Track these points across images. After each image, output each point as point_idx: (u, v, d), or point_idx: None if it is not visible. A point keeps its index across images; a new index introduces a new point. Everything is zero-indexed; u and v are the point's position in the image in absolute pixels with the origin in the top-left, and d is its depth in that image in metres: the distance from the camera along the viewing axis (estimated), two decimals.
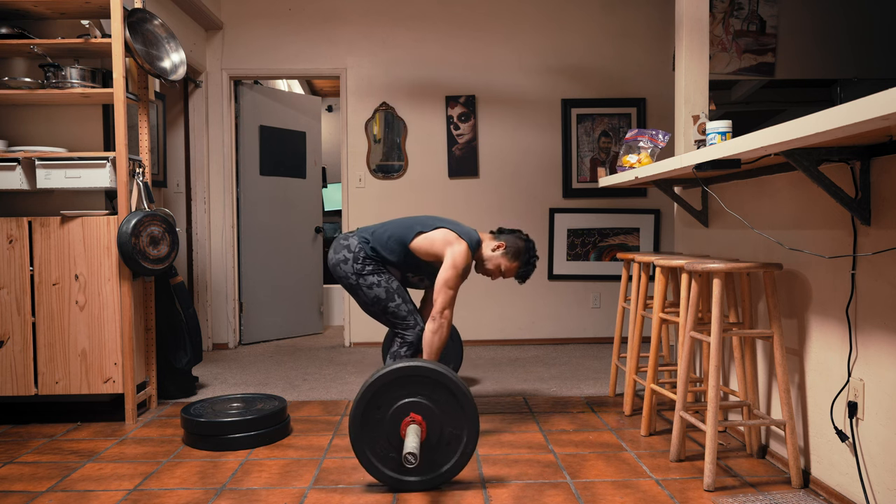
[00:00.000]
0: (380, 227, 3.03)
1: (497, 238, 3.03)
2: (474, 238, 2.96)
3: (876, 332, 1.96)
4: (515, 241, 3.00)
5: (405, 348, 2.92)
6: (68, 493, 2.33)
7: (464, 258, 2.85)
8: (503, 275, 3.00)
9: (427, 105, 5.15)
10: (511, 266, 2.98)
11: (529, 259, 2.99)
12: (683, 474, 2.42)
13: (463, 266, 2.86)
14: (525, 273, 3.00)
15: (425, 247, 2.91)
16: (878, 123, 1.37)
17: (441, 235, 2.91)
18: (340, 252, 2.97)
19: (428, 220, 3.00)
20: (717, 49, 4.82)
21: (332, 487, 2.35)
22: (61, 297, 3.11)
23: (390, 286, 2.93)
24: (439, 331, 2.82)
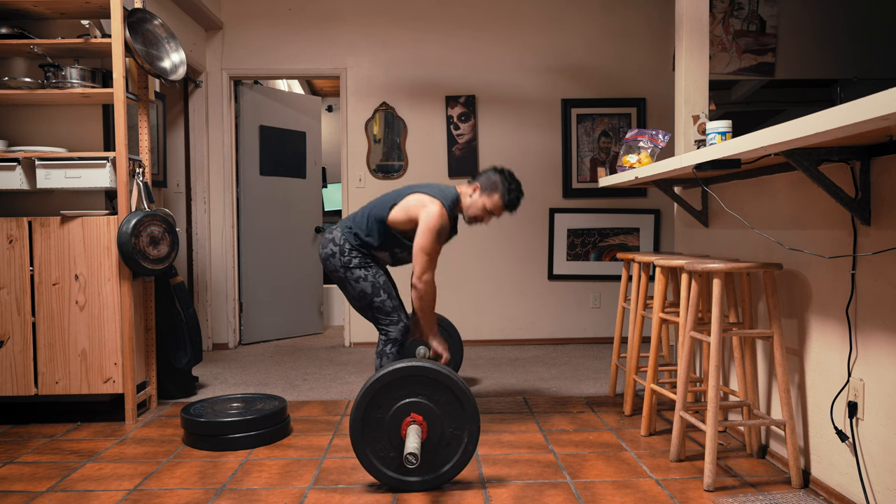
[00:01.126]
0: (359, 212, 2.98)
1: (471, 183, 2.95)
2: (451, 195, 2.89)
3: (876, 332, 1.96)
4: (489, 177, 2.91)
5: (389, 345, 2.89)
6: (68, 493, 2.33)
7: (437, 219, 2.77)
8: (493, 213, 2.90)
9: (427, 105, 5.15)
10: (493, 200, 2.87)
11: (509, 187, 2.87)
12: (683, 474, 2.42)
13: (437, 227, 2.78)
14: (511, 201, 2.88)
15: (401, 217, 2.84)
16: (878, 123, 1.37)
17: (414, 201, 2.84)
18: (327, 246, 2.95)
19: (403, 191, 2.92)
20: (717, 49, 4.82)
21: (332, 487, 2.35)
22: (61, 297, 3.11)
23: (377, 281, 2.88)
24: (423, 296, 2.82)
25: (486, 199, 2.88)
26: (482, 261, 5.18)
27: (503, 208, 2.89)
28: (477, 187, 2.91)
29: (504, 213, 2.93)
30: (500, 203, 2.87)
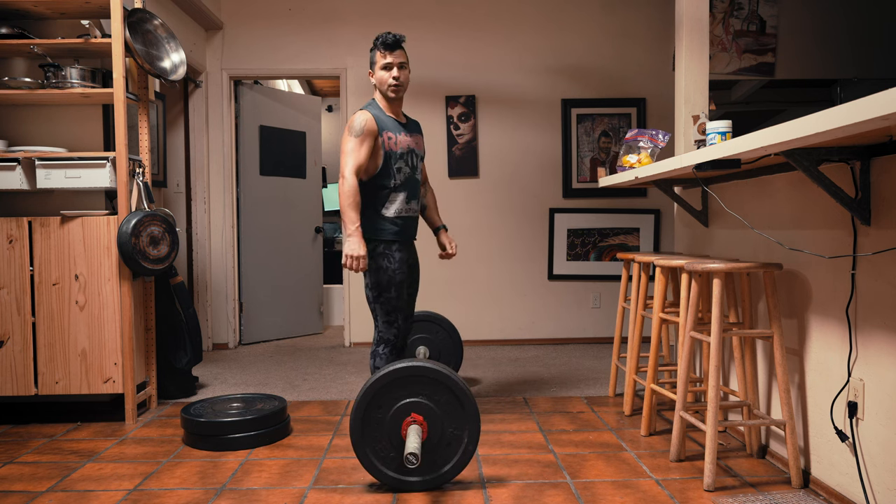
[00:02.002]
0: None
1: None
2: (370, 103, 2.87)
3: (876, 332, 1.96)
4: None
5: (382, 345, 2.83)
6: (68, 493, 2.33)
7: (353, 120, 2.72)
8: (386, 69, 2.75)
9: (427, 105, 5.14)
10: (374, 59, 2.78)
11: (375, 40, 2.79)
12: (683, 474, 2.42)
13: (351, 125, 2.71)
14: (380, 43, 2.75)
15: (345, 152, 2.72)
16: (878, 123, 1.37)
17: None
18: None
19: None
20: (717, 49, 4.82)
21: (332, 487, 2.36)
22: (61, 297, 3.11)
23: (393, 278, 2.77)
24: (340, 192, 2.69)
25: (374, 66, 2.80)
26: (482, 261, 5.18)
27: (381, 53, 2.75)
28: (370, 72, 2.86)
29: (390, 57, 2.73)
30: (378, 55, 2.76)
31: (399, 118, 2.88)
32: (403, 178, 2.81)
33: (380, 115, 2.79)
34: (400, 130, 2.83)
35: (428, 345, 3.71)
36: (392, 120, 2.83)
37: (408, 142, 2.85)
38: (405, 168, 2.82)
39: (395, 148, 2.78)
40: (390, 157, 2.77)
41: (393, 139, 2.78)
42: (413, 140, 2.88)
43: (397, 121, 2.86)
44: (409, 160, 2.85)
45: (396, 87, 2.78)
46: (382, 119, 2.79)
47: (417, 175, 2.88)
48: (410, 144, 2.86)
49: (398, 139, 2.81)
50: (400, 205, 2.80)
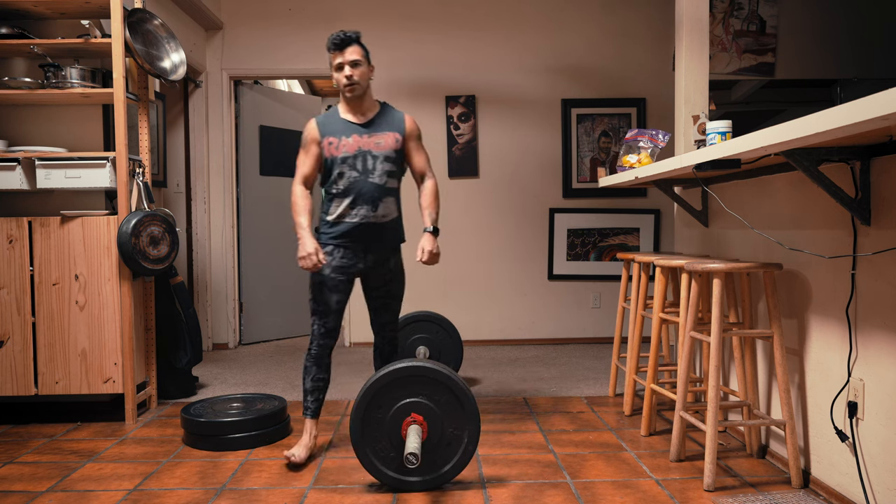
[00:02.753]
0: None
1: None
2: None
3: (876, 332, 1.96)
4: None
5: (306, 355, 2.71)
6: (68, 493, 2.33)
7: (303, 131, 2.72)
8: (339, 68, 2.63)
9: (427, 105, 5.14)
10: (331, 63, 2.65)
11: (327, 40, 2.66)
12: (683, 474, 2.42)
13: (303, 137, 2.71)
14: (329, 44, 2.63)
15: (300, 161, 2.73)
16: (878, 123, 1.37)
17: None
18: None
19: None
20: (717, 49, 4.82)
21: (332, 487, 2.36)
22: (61, 297, 3.11)
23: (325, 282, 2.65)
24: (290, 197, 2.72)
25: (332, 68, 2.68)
26: (482, 261, 5.18)
27: (332, 53, 2.63)
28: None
29: (340, 57, 2.61)
30: (330, 56, 2.65)
31: (359, 118, 2.69)
32: (348, 183, 2.62)
33: (327, 120, 2.70)
34: (352, 132, 2.66)
35: (428, 345, 3.71)
36: (344, 122, 2.69)
37: (360, 143, 2.65)
38: (350, 172, 2.62)
39: (337, 153, 2.63)
40: (331, 163, 2.65)
41: (334, 144, 2.64)
42: (372, 140, 2.66)
43: (353, 122, 2.69)
44: (360, 163, 2.63)
45: (351, 87, 2.62)
46: (329, 123, 2.69)
47: (374, 178, 2.63)
48: (364, 146, 2.65)
49: (343, 143, 2.64)
50: (343, 210, 2.64)
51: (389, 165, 2.68)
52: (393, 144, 2.69)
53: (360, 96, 2.66)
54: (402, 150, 2.74)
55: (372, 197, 2.65)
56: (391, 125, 2.72)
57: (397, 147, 2.70)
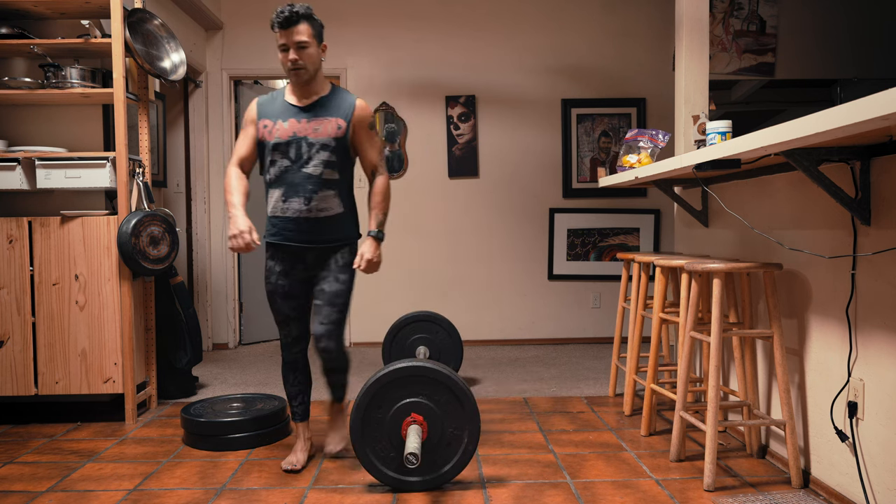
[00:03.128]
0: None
1: None
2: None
3: (876, 332, 1.96)
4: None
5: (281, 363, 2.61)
6: (68, 493, 2.33)
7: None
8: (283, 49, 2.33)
9: (427, 105, 5.14)
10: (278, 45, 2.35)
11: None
12: (683, 474, 2.42)
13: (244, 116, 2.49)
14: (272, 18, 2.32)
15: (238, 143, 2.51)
16: (878, 123, 1.37)
17: None
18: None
19: None
20: (717, 49, 4.82)
21: (332, 487, 2.35)
22: (61, 297, 3.11)
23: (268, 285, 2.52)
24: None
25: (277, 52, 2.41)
26: (482, 261, 5.18)
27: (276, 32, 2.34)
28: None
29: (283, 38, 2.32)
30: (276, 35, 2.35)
31: (302, 101, 2.42)
32: (278, 171, 2.38)
33: (269, 101, 2.46)
34: (290, 116, 2.40)
35: (428, 345, 3.71)
36: (285, 105, 2.43)
37: (296, 129, 2.38)
38: (282, 160, 2.38)
39: (269, 137, 2.39)
40: (263, 149, 2.42)
41: (269, 127, 2.40)
42: (311, 126, 2.38)
43: (294, 105, 2.42)
44: (293, 151, 2.37)
45: (296, 71, 2.35)
46: (270, 104, 2.45)
47: (308, 168, 2.37)
48: (301, 131, 2.38)
49: (277, 127, 2.39)
50: (275, 203, 2.42)
51: (328, 155, 2.38)
52: (333, 132, 2.39)
53: (306, 81, 2.39)
54: (346, 139, 2.42)
55: (304, 189, 2.37)
56: (336, 110, 2.41)
57: (339, 135, 2.39)
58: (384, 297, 5.16)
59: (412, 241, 5.17)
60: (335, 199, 2.43)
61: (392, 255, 5.15)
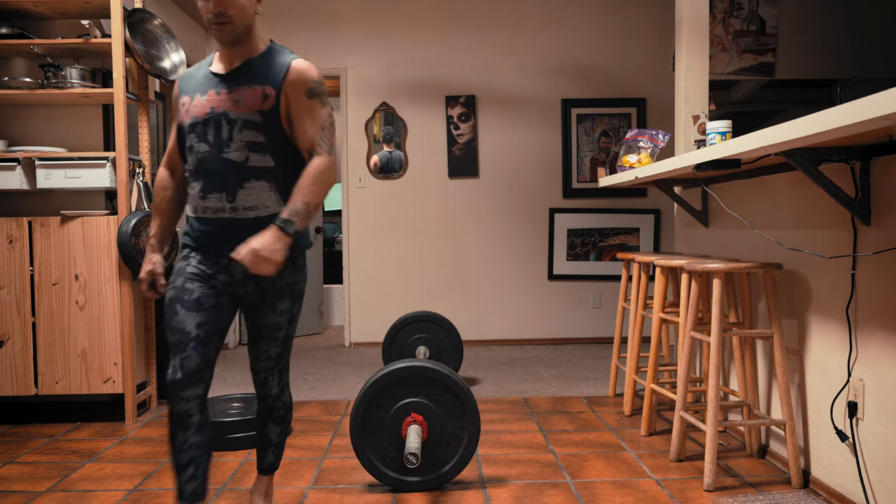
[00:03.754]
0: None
1: None
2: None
3: (876, 332, 1.96)
4: None
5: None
6: (68, 493, 2.33)
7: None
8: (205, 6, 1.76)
9: (427, 105, 5.14)
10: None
11: None
12: (683, 474, 2.42)
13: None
14: None
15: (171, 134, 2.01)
16: (878, 123, 1.37)
17: None
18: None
19: None
20: (717, 49, 4.82)
21: (333, 487, 2.36)
22: (61, 297, 3.11)
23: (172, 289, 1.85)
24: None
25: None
26: (482, 261, 5.18)
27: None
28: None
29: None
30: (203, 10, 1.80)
31: (226, 67, 1.84)
32: (196, 161, 1.83)
33: (192, 73, 1.91)
34: (209, 88, 1.83)
35: (428, 345, 3.72)
36: (207, 75, 1.86)
37: (213, 103, 1.81)
38: (199, 145, 1.82)
39: (186, 118, 1.85)
40: (181, 133, 1.89)
41: (186, 105, 1.86)
42: (230, 98, 1.80)
43: (215, 73, 1.85)
44: (211, 132, 1.80)
45: (220, 26, 1.77)
46: (191, 77, 1.90)
47: (228, 153, 1.79)
48: (219, 106, 1.80)
49: (195, 103, 1.84)
50: (194, 200, 1.85)
51: (253, 134, 1.79)
52: (257, 103, 1.78)
53: (233, 40, 1.80)
54: (277, 113, 1.80)
55: (225, 181, 1.80)
56: (264, 75, 1.81)
57: (265, 107, 1.79)
58: (384, 297, 5.16)
59: (412, 241, 5.17)
60: (269, 195, 1.83)
61: (392, 255, 5.15)
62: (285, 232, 1.72)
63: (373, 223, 5.15)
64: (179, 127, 1.89)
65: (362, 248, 5.15)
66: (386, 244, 5.16)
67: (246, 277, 1.87)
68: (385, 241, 5.16)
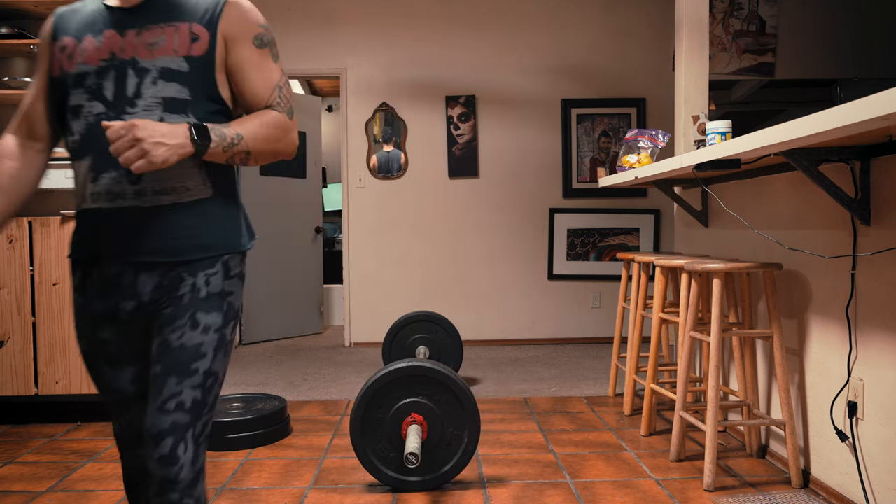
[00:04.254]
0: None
1: None
2: None
3: (876, 332, 1.96)
4: None
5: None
6: (68, 493, 2.33)
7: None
8: None
9: (427, 105, 5.15)
10: None
11: None
12: (683, 474, 2.42)
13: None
14: None
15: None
16: (877, 123, 1.37)
17: None
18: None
19: None
20: (717, 49, 4.82)
21: (332, 487, 2.36)
22: (61, 297, 3.11)
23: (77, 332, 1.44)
24: None
25: None
26: (482, 261, 5.18)
27: None
28: None
29: None
30: None
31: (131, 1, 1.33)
32: (84, 126, 1.33)
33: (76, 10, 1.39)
34: (105, 26, 1.32)
35: (428, 345, 3.72)
36: (99, 10, 1.35)
37: (114, 46, 1.31)
38: (90, 104, 1.31)
39: (69, 66, 1.32)
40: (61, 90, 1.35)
41: (69, 49, 1.33)
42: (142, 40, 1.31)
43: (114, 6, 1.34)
44: (108, 85, 1.30)
45: None
46: (73, 14, 1.38)
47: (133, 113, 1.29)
48: (123, 50, 1.31)
49: (83, 47, 1.32)
50: (80, 183, 1.35)
51: (173, 88, 1.30)
52: (183, 46, 1.31)
53: None
54: (212, 61, 1.32)
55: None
56: (190, 11, 1.33)
57: (194, 51, 1.31)
58: (384, 297, 5.16)
59: (412, 240, 5.17)
60: (192, 173, 1.31)
61: (392, 255, 5.15)
62: (193, 136, 1.21)
63: (373, 223, 5.15)
64: (53, 80, 1.35)
65: (362, 248, 5.16)
66: (386, 244, 5.16)
67: (158, 292, 1.31)
68: (385, 241, 5.16)
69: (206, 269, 1.35)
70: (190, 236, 1.33)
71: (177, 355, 1.29)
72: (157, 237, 1.30)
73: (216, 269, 1.38)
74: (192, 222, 1.34)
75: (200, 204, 1.34)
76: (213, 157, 1.26)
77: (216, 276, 1.38)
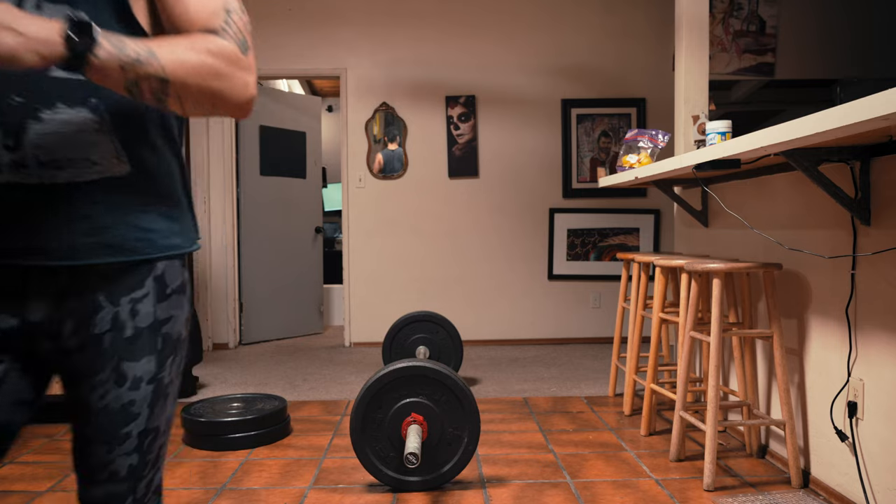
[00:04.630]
0: None
1: None
2: None
3: (876, 332, 1.97)
4: None
5: None
6: (68, 493, 2.33)
7: None
8: None
9: (427, 105, 5.14)
10: None
11: None
12: (683, 474, 2.42)
13: None
14: None
15: None
16: (878, 123, 1.37)
17: None
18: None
19: None
20: (717, 49, 4.82)
21: (332, 487, 2.36)
22: None
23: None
24: None
25: None
26: (482, 261, 5.18)
27: None
28: None
29: None
30: None
31: None
32: None
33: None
34: None
35: (428, 345, 3.72)
36: None
37: None
38: None
39: None
40: None
41: None
42: None
43: None
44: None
45: None
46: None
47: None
48: None
49: None
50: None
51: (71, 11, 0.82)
52: None
53: None
54: None
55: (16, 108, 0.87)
56: None
57: None
58: (384, 297, 5.16)
59: (412, 241, 5.17)
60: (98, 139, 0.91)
61: (392, 255, 5.15)
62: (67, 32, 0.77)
63: (373, 223, 5.16)
64: None
65: (362, 248, 5.16)
66: (386, 244, 5.16)
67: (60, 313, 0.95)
68: (385, 241, 5.16)
69: (131, 290, 0.96)
70: (92, 230, 0.91)
71: (100, 421, 1.01)
72: (45, 231, 0.89)
73: (145, 289, 0.97)
74: (97, 210, 0.92)
75: (112, 184, 0.92)
76: (102, 76, 0.80)
77: (146, 302, 0.98)
